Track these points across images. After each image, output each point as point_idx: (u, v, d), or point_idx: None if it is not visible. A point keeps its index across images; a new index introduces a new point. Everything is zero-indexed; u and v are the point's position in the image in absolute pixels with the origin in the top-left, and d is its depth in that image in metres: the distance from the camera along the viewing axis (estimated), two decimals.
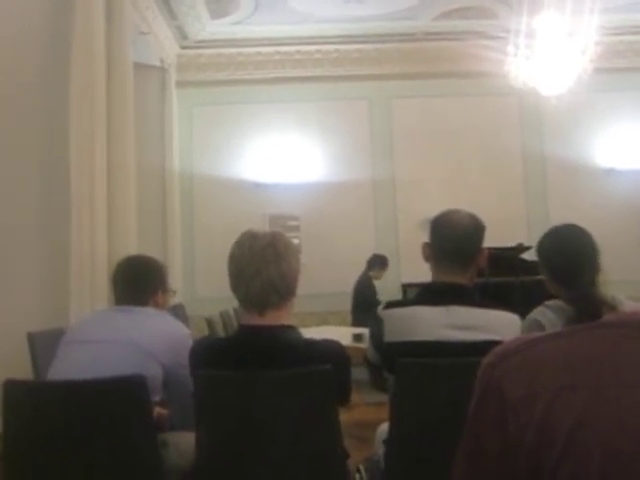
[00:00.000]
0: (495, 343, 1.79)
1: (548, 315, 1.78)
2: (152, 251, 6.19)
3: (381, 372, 1.95)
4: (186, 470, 1.76)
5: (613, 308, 1.63)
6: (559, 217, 2.02)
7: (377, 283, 6.17)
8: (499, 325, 1.79)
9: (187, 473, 1.77)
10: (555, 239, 1.91)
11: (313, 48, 7.28)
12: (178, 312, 6.19)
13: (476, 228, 1.87)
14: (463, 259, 1.85)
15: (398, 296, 6.28)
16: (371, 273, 6.08)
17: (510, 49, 5.29)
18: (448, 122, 7.32)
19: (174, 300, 6.40)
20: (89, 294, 4.04)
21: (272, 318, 1.63)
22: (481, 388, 0.67)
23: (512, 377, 0.62)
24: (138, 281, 2.12)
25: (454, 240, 1.84)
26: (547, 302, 1.84)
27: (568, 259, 1.83)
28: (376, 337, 1.88)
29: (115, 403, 1.62)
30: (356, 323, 5.53)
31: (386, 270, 6.21)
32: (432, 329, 1.76)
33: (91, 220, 4.09)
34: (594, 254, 1.83)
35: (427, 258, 1.91)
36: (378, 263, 6.12)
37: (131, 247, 4.70)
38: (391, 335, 1.82)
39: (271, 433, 1.56)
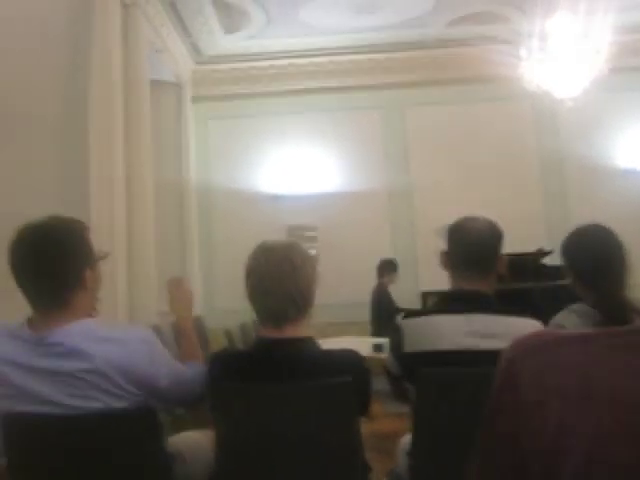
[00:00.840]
0: None
1: (573, 320, 1.75)
2: (171, 264, 6.28)
3: (401, 382, 1.93)
4: None
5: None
6: (578, 218, 1.97)
7: (396, 292, 6.12)
8: (521, 332, 1.75)
9: None
10: (580, 239, 1.85)
11: (326, 59, 7.32)
12: (197, 324, 6.22)
13: (493, 235, 1.85)
14: (481, 267, 1.83)
15: (417, 304, 6.23)
16: (384, 280, 6.03)
17: (523, 53, 5.25)
18: (463, 128, 7.28)
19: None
20: (110, 307, 4.08)
21: (290, 331, 1.61)
22: (499, 383, 0.68)
23: (529, 378, 0.63)
24: (52, 274, 1.47)
25: (472, 248, 1.82)
26: (572, 306, 1.80)
27: (594, 259, 1.77)
28: (396, 347, 1.86)
29: (124, 434, 1.53)
30: (376, 333, 5.49)
31: (397, 272, 6.12)
32: (452, 338, 1.74)
33: (110, 234, 4.14)
34: (622, 254, 1.76)
35: (445, 266, 1.89)
36: (387, 269, 6.05)
37: (150, 259, 4.74)
38: (411, 345, 1.80)
39: (291, 446, 1.54)
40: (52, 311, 1.50)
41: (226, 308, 6.59)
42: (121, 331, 1.59)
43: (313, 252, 6.41)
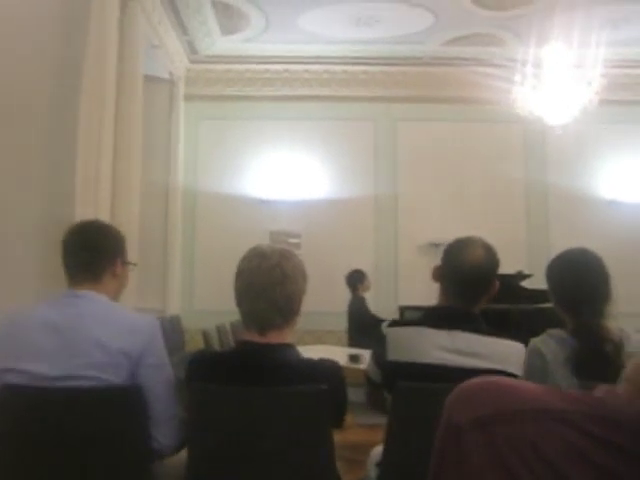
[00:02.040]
0: (497, 372, 1.77)
1: (550, 345, 1.75)
2: (152, 262, 6.23)
3: (380, 391, 1.93)
4: None
5: (617, 346, 1.59)
6: (560, 246, 1.98)
7: (374, 306, 6.12)
8: (503, 354, 1.76)
9: None
10: (564, 263, 1.84)
11: (321, 68, 7.35)
12: (174, 323, 6.18)
13: (492, 262, 1.84)
14: (476, 291, 1.83)
15: (395, 318, 6.25)
16: (358, 292, 5.99)
17: (517, 78, 5.34)
18: (452, 147, 7.36)
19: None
20: None
21: (272, 338, 1.62)
22: (443, 445, 0.62)
23: (484, 453, 0.57)
24: (93, 248, 1.80)
25: (470, 273, 1.81)
26: (551, 330, 1.79)
27: (575, 285, 1.76)
28: (379, 354, 1.87)
29: (107, 412, 1.60)
30: (352, 344, 5.49)
31: (367, 278, 6.06)
32: (434, 352, 1.75)
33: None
34: (604, 282, 1.75)
35: (437, 279, 1.89)
36: (357, 280, 5.99)
37: (132, 257, 4.71)
38: (394, 353, 1.81)
39: (263, 450, 1.55)
40: (86, 282, 1.77)
41: (204, 309, 6.57)
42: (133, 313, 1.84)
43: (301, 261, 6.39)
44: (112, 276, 1.82)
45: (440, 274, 1.87)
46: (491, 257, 1.84)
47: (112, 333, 1.64)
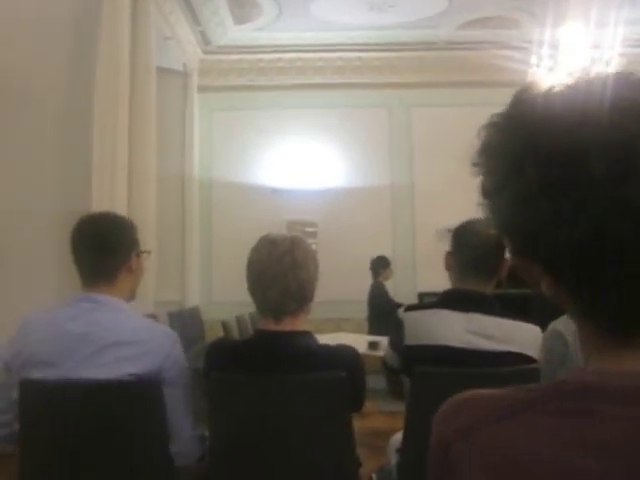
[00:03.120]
0: (515, 354, 1.76)
1: (571, 326, 1.74)
2: (170, 255, 6.27)
3: (398, 376, 1.94)
4: (198, 471, 1.76)
5: None
6: None
7: (393, 292, 6.13)
8: (520, 336, 1.77)
9: (199, 475, 1.76)
10: None
11: (335, 55, 7.30)
12: (193, 314, 6.23)
13: (499, 239, 1.85)
14: (486, 270, 1.84)
15: None
16: (379, 279, 6.02)
17: (533, 59, 5.25)
18: (468, 131, 7.12)
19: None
20: None
21: (288, 325, 1.62)
22: (435, 470, 0.60)
23: (469, 463, 0.55)
24: (106, 247, 1.71)
25: (477, 251, 1.82)
26: None
27: None
28: (396, 340, 1.87)
29: (128, 404, 1.60)
30: (372, 331, 5.50)
31: (391, 268, 6.10)
32: (452, 333, 1.75)
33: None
34: None
35: (449, 268, 1.90)
36: (380, 266, 6.03)
37: (150, 249, 4.74)
38: (411, 338, 1.81)
39: (283, 438, 1.56)
40: (100, 284, 1.69)
41: (224, 300, 6.60)
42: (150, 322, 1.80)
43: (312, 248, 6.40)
44: (128, 272, 1.75)
45: (451, 259, 1.89)
46: (497, 234, 1.83)
47: (125, 356, 1.59)
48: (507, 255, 1.86)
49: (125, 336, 1.62)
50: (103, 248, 1.71)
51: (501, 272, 1.85)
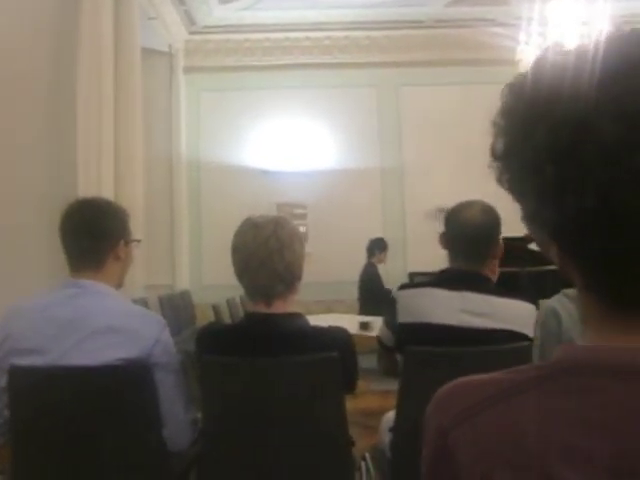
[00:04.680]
0: (509, 332, 1.78)
1: (566, 304, 1.75)
2: (159, 238, 6.24)
3: (393, 355, 1.95)
4: (191, 454, 1.77)
5: None
6: None
7: (384, 272, 6.14)
8: (514, 314, 1.78)
9: (192, 458, 1.77)
10: None
11: (322, 34, 7.22)
12: (184, 298, 6.22)
13: (492, 220, 1.87)
14: (479, 251, 1.85)
15: None
16: (373, 260, 6.04)
17: (522, 37, 5.22)
18: (458, 110, 7.24)
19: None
20: None
21: (279, 307, 1.62)
22: (431, 458, 0.58)
23: (468, 449, 0.54)
24: (94, 233, 1.69)
25: (469, 233, 1.84)
26: (566, 290, 1.79)
27: None
28: (390, 318, 1.89)
29: (118, 388, 1.59)
30: (363, 312, 5.53)
31: (387, 251, 6.14)
32: (446, 312, 1.76)
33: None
34: None
35: (444, 246, 1.92)
36: (377, 247, 6.06)
37: (138, 233, 4.71)
38: (405, 316, 1.83)
39: (277, 419, 1.56)
40: (87, 270, 1.68)
41: (213, 284, 6.59)
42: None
43: (302, 230, 6.40)
44: (115, 259, 1.72)
45: (445, 239, 1.90)
46: (491, 215, 1.87)
47: (113, 342, 1.57)
48: (499, 237, 1.87)
49: (113, 322, 1.59)
50: (90, 233, 1.68)
51: (495, 253, 1.86)
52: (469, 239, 1.83)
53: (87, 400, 1.57)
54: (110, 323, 1.59)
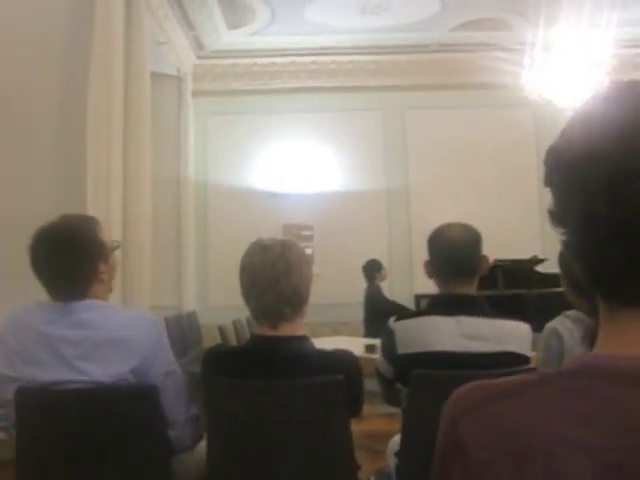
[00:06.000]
0: (507, 354, 1.79)
1: (567, 325, 1.78)
2: (166, 258, 6.26)
3: (393, 385, 1.95)
4: (198, 478, 1.76)
5: None
6: None
7: (389, 294, 6.11)
8: (510, 335, 1.79)
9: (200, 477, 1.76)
10: None
11: (328, 59, 7.32)
12: (190, 319, 6.22)
13: (472, 238, 1.89)
14: (467, 271, 1.87)
15: (411, 307, 6.25)
16: (377, 282, 6.01)
17: (526, 61, 5.28)
18: (463, 133, 7.30)
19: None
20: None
21: (285, 329, 1.62)
22: (443, 447, 0.62)
23: (474, 436, 0.58)
24: (69, 268, 1.58)
25: (453, 255, 1.85)
26: (567, 312, 1.83)
27: None
28: (388, 349, 1.88)
29: (126, 410, 1.59)
30: (369, 334, 5.50)
31: (384, 269, 6.08)
32: (444, 339, 1.76)
33: (106, 227, 4.11)
34: None
35: (430, 275, 1.93)
36: (374, 269, 6.02)
37: (145, 255, 4.73)
38: (404, 347, 1.82)
39: (282, 442, 1.56)
40: (69, 301, 1.61)
41: (220, 305, 6.59)
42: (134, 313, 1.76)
43: (309, 251, 6.41)
44: (98, 283, 1.66)
45: (431, 266, 1.91)
46: (469, 231, 1.89)
47: (111, 354, 1.55)
48: (484, 253, 1.89)
49: (109, 334, 1.57)
50: (66, 272, 1.58)
51: (482, 270, 1.88)
52: (455, 256, 1.84)
53: (93, 420, 1.57)
54: (107, 334, 1.57)
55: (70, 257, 1.59)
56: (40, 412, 1.58)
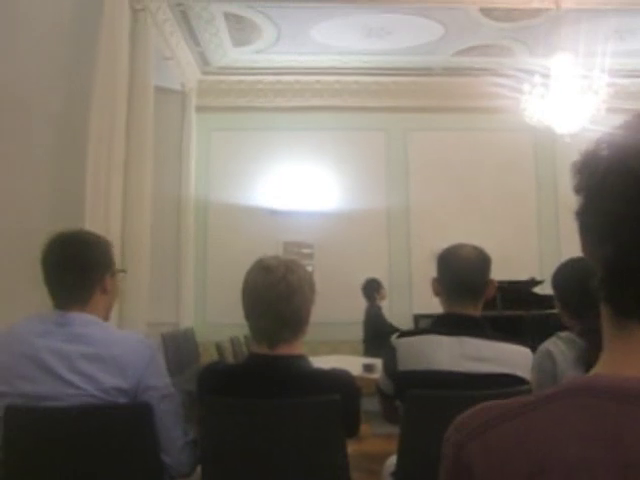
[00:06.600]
0: (507, 376, 1.80)
1: (560, 346, 1.79)
2: (164, 274, 6.23)
3: (392, 402, 1.95)
4: None
5: None
6: (571, 253, 2.01)
7: (388, 314, 6.11)
8: (512, 358, 1.80)
9: None
10: (569, 270, 1.89)
11: (333, 79, 7.39)
12: (188, 336, 6.20)
13: (483, 261, 1.90)
14: (473, 293, 1.88)
15: (410, 326, 6.24)
16: (376, 302, 6.00)
17: (526, 87, 5.35)
18: (463, 156, 7.36)
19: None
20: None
21: (282, 350, 1.61)
22: (448, 470, 0.63)
23: (481, 461, 0.58)
24: (79, 269, 1.64)
25: (463, 275, 1.87)
26: (559, 333, 1.84)
27: (581, 291, 1.81)
28: (389, 366, 1.89)
29: (118, 428, 1.57)
30: (368, 353, 5.49)
31: (383, 288, 6.07)
32: (445, 358, 1.77)
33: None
34: None
35: (437, 293, 1.94)
36: (373, 289, 6.00)
37: (143, 270, 4.71)
38: (405, 364, 1.83)
39: (277, 462, 1.55)
40: (74, 305, 1.64)
41: (218, 322, 6.58)
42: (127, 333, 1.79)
43: (309, 269, 6.39)
44: (102, 293, 1.69)
45: (438, 285, 1.93)
46: (480, 254, 1.91)
47: (103, 370, 1.54)
48: (491, 276, 1.91)
49: (102, 350, 1.56)
50: (75, 269, 1.64)
51: (488, 293, 1.90)
52: (464, 277, 1.86)
53: (82, 439, 1.54)
54: (99, 352, 1.56)
55: (81, 255, 1.66)
56: (28, 431, 1.54)
